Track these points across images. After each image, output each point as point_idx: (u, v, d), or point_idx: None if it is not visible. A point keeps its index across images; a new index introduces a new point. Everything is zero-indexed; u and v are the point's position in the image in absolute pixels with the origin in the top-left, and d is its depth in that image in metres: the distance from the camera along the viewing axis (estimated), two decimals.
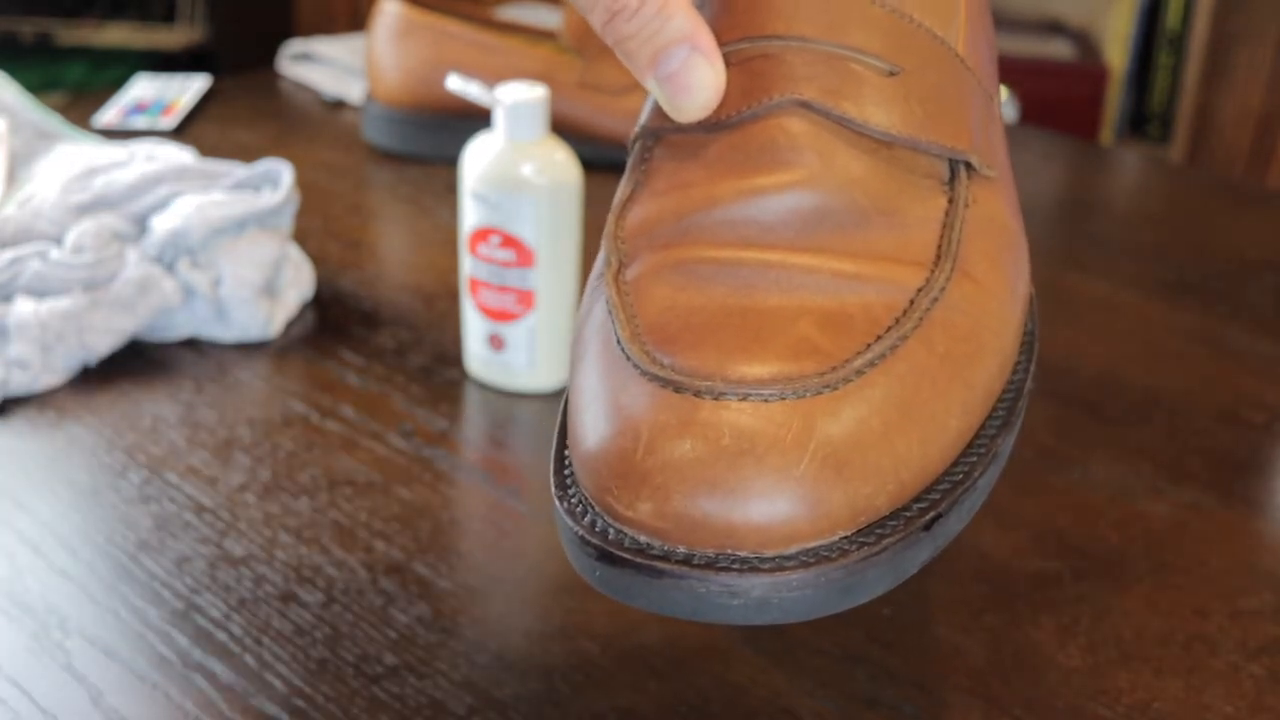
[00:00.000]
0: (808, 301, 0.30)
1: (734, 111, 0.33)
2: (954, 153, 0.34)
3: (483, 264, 0.59)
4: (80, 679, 0.42)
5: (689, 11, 0.32)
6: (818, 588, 0.27)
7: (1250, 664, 0.45)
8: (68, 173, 0.69)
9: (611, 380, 0.29)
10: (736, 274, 0.31)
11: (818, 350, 0.28)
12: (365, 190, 0.87)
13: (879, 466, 0.28)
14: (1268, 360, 0.67)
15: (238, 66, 1.20)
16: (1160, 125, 1.80)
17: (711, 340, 0.29)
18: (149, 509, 0.51)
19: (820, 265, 0.31)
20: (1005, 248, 0.34)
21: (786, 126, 0.33)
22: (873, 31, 0.33)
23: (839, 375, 0.28)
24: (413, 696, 0.42)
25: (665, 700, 0.42)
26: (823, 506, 0.27)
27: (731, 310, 0.30)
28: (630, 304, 0.31)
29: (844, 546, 0.27)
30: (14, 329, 0.59)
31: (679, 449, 0.27)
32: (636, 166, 0.35)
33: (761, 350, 0.28)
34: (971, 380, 0.30)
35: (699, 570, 0.27)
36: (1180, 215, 0.90)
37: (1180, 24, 1.74)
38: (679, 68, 0.32)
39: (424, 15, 0.89)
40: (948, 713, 0.42)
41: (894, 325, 0.29)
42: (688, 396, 0.27)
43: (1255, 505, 0.54)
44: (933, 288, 0.31)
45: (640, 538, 0.27)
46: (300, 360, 0.63)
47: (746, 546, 0.27)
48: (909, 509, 0.29)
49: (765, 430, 0.27)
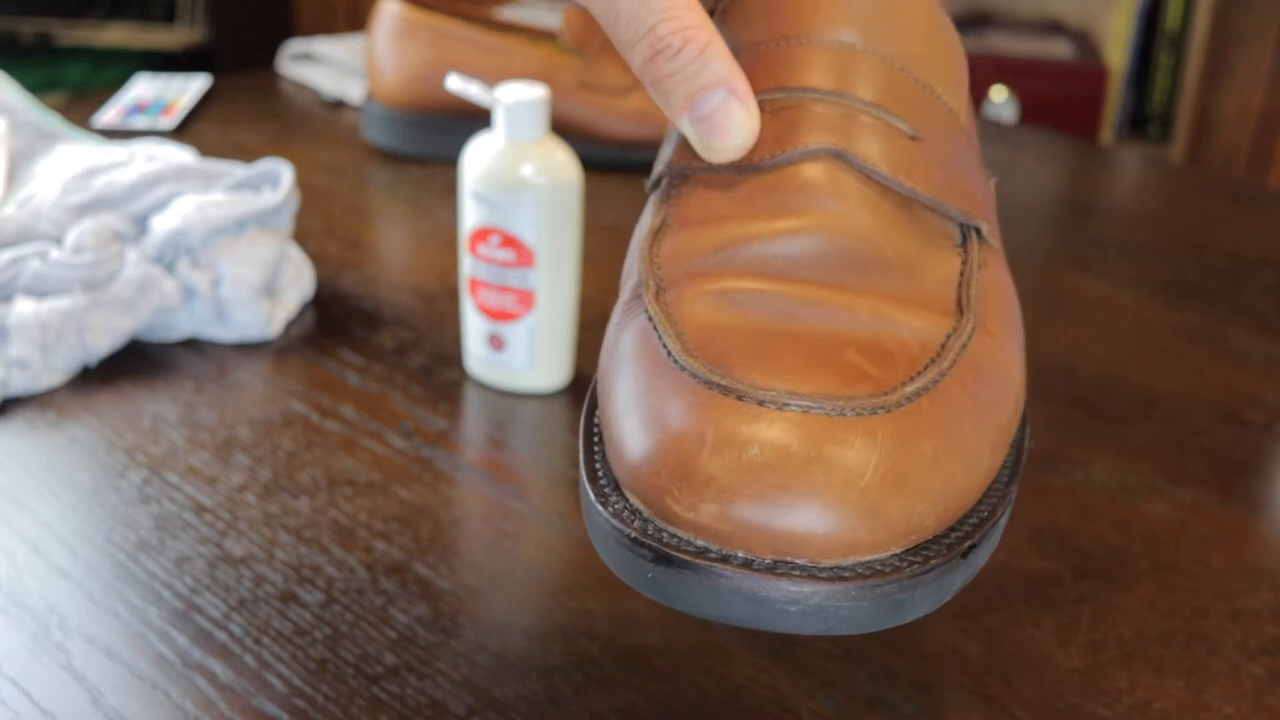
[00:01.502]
0: (848, 333, 0.30)
1: (767, 156, 0.34)
2: (968, 218, 0.35)
3: (483, 264, 0.59)
4: (80, 679, 0.42)
5: (728, 58, 0.33)
6: (872, 600, 0.28)
7: (1250, 664, 0.45)
8: (68, 173, 0.69)
9: (664, 387, 0.29)
10: (776, 303, 0.31)
11: (868, 376, 0.29)
12: (365, 190, 0.87)
13: (931, 487, 0.28)
14: (1268, 360, 0.67)
15: (238, 66, 1.20)
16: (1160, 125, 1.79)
17: (765, 359, 0.29)
18: (149, 509, 0.51)
19: (855, 303, 0.31)
20: (1011, 311, 0.35)
21: (819, 173, 0.34)
22: (901, 98, 0.35)
23: (892, 399, 0.29)
24: (413, 696, 0.42)
25: (665, 700, 0.42)
26: (882, 520, 0.27)
27: (777, 334, 0.30)
28: (676, 321, 0.31)
29: (896, 563, 0.28)
30: (14, 329, 0.59)
31: (747, 452, 0.27)
32: (664, 201, 0.36)
33: (814, 371, 0.29)
34: (997, 422, 0.31)
35: (759, 574, 0.27)
36: (1180, 215, 0.90)
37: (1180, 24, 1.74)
38: (715, 109, 0.33)
39: (424, 15, 0.89)
40: (948, 713, 0.42)
41: (931, 363, 0.30)
42: (751, 405, 0.28)
43: (1255, 505, 0.54)
44: (961, 334, 0.32)
45: (697, 541, 0.28)
46: (300, 360, 0.63)
47: (805, 555, 0.27)
48: (949, 535, 0.29)
49: (831, 439, 0.27)
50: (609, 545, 0.29)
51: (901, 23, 0.37)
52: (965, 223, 0.35)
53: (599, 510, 0.30)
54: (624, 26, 0.33)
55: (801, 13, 0.36)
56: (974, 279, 0.34)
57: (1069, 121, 1.77)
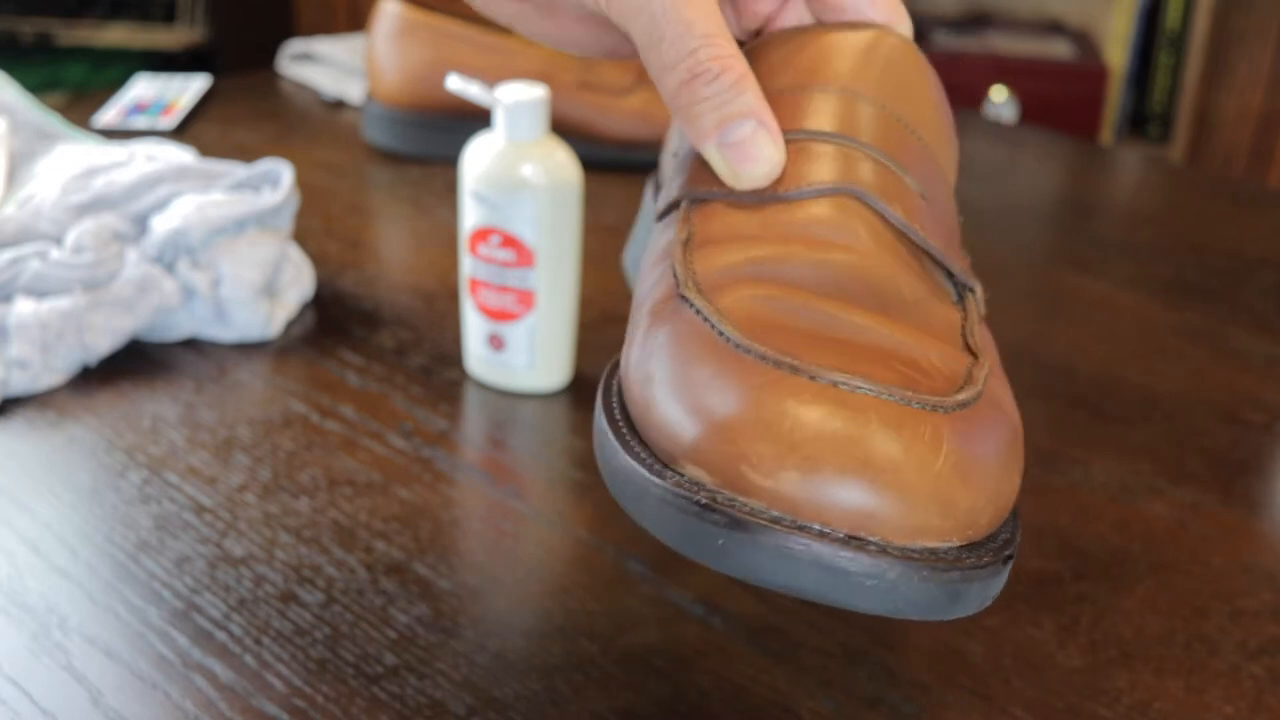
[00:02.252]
0: (888, 347, 0.31)
1: (792, 188, 0.35)
2: (964, 276, 0.37)
3: (483, 264, 0.59)
4: (80, 679, 0.42)
5: (759, 92, 0.35)
6: (938, 585, 0.28)
7: (1250, 664, 0.45)
8: (68, 173, 0.69)
9: (731, 369, 0.29)
10: (818, 314, 0.31)
11: (919, 381, 0.30)
12: (365, 190, 0.87)
13: (990, 485, 0.29)
14: (1268, 360, 0.67)
15: (238, 66, 1.20)
16: (1160, 125, 1.79)
17: (824, 353, 0.29)
18: (149, 509, 0.51)
19: (886, 326, 0.32)
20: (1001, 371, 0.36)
21: (842, 209, 0.35)
22: (913, 160, 0.37)
23: (949, 402, 0.29)
24: (413, 696, 0.42)
25: (665, 700, 0.42)
26: (950, 509, 0.28)
27: (826, 340, 0.30)
28: (727, 315, 0.31)
29: (957, 554, 0.29)
30: (14, 329, 0.59)
31: (831, 424, 0.27)
32: (685, 220, 0.36)
33: (874, 367, 0.29)
34: (1018, 453, 0.32)
35: (838, 545, 0.27)
36: (1180, 215, 0.90)
37: (1180, 24, 1.74)
38: (745, 139, 0.35)
39: (424, 15, 0.89)
40: (948, 713, 0.42)
41: (965, 384, 0.31)
42: (827, 385, 0.28)
43: (1255, 505, 0.54)
44: (981, 368, 0.32)
45: (771, 511, 0.28)
46: (300, 360, 0.63)
47: (879, 533, 0.28)
48: (996, 539, 0.30)
49: (906, 424, 0.28)
50: (668, 516, 0.29)
51: (912, 91, 0.39)
52: (963, 282, 0.37)
53: (656, 483, 0.29)
54: (666, 49, 0.34)
55: (822, 67, 0.38)
56: (975, 330, 0.35)
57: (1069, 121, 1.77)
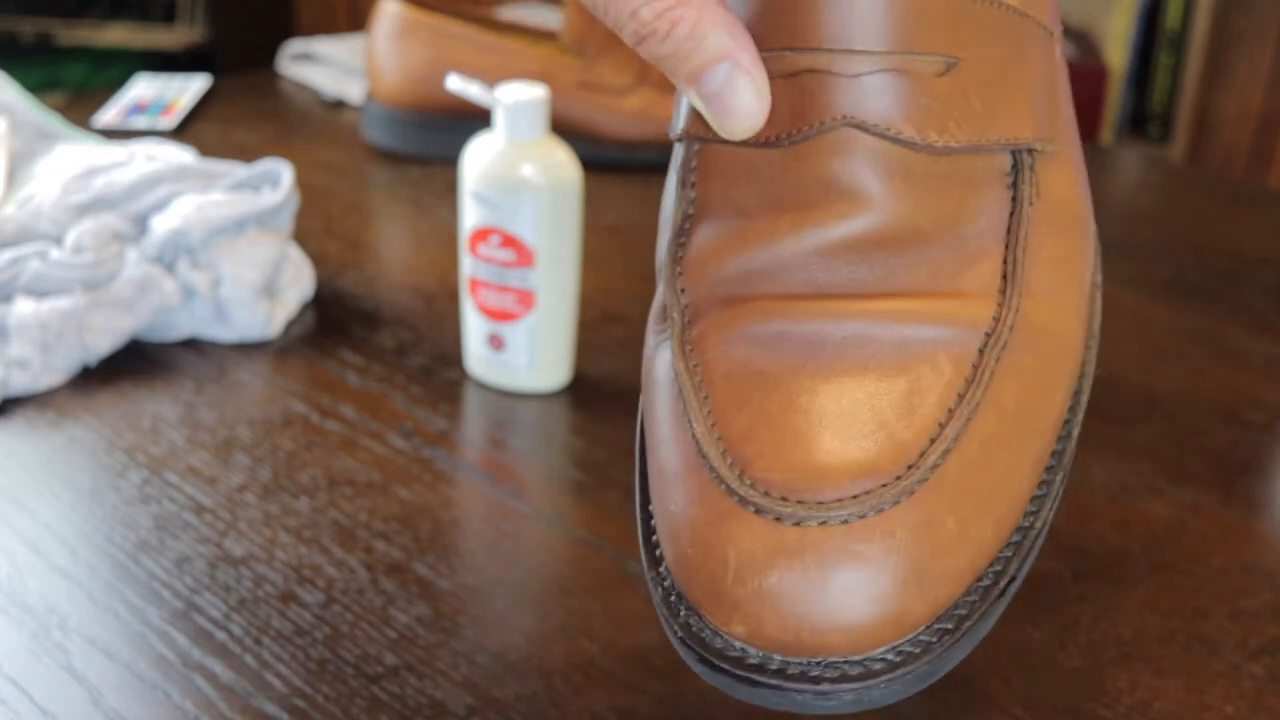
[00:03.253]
0: (875, 366, 0.30)
1: (783, 133, 0.32)
2: (1016, 145, 0.32)
3: (483, 264, 0.59)
4: (80, 679, 0.42)
5: (725, 25, 0.30)
6: (905, 681, 0.29)
7: (1250, 664, 0.45)
8: (68, 173, 0.69)
9: (691, 483, 0.30)
10: (803, 333, 0.31)
11: (892, 445, 0.29)
12: (365, 190, 0.87)
13: (956, 568, 0.29)
14: (1268, 360, 0.67)
15: (238, 66, 1.20)
16: (1160, 125, 1.79)
17: (789, 439, 0.29)
18: (149, 509, 0.51)
19: (886, 313, 0.31)
20: (1073, 244, 0.33)
21: (840, 153, 0.31)
22: (926, 25, 0.31)
23: (916, 476, 0.28)
24: (413, 696, 0.42)
25: (665, 700, 0.42)
26: (907, 616, 0.28)
27: (802, 389, 0.30)
28: (700, 383, 0.31)
29: (927, 640, 0.29)
30: (14, 329, 0.59)
31: (768, 580, 0.28)
32: (685, 182, 0.34)
33: (838, 452, 0.29)
34: (1043, 426, 0.31)
35: (793, 681, 0.28)
36: (1180, 215, 0.90)
37: (1180, 24, 1.74)
38: (721, 88, 0.31)
39: (424, 15, 0.89)
40: (948, 713, 0.42)
41: (965, 392, 0.30)
42: (769, 521, 0.28)
43: (1255, 505, 0.54)
44: (1000, 336, 0.31)
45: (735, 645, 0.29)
46: (300, 360, 0.63)
47: (837, 653, 0.28)
48: (983, 577, 0.30)
49: (849, 557, 0.28)
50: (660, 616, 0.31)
51: None
52: (1015, 149, 0.32)
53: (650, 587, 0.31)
54: (609, 13, 0.31)
55: None
56: (1024, 230, 0.32)
57: None
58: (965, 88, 0.31)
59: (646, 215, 0.82)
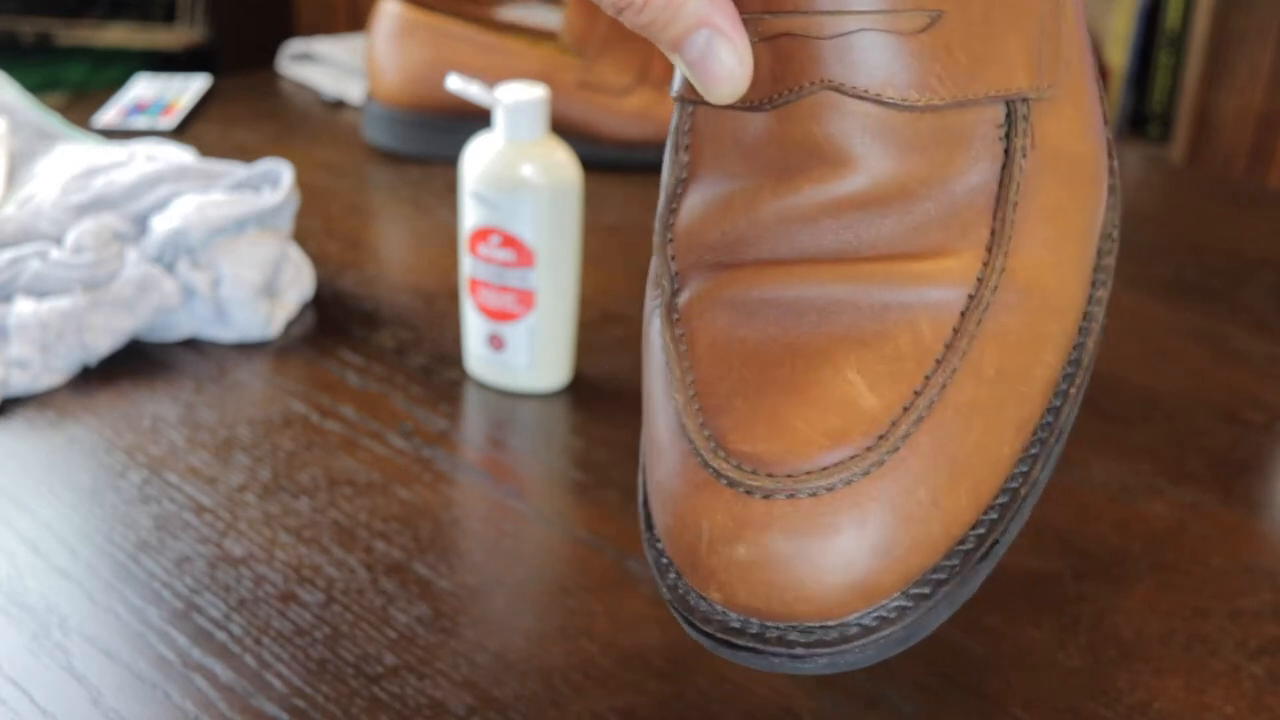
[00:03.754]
0: (854, 334, 0.30)
1: (766, 97, 0.31)
2: (1007, 96, 0.31)
3: (483, 264, 0.59)
4: (80, 679, 0.42)
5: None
6: (879, 646, 0.29)
7: (1250, 664, 0.45)
8: (68, 173, 0.69)
9: (674, 453, 0.30)
10: (783, 302, 0.31)
11: (864, 415, 0.29)
12: (365, 190, 0.87)
13: (928, 536, 0.29)
14: (1268, 360, 0.67)
15: (238, 66, 1.20)
16: (1160, 125, 1.79)
17: (763, 412, 0.29)
18: (149, 509, 0.51)
19: (869, 277, 0.31)
20: (1075, 192, 0.33)
21: (821, 117, 0.31)
22: None
23: (886, 446, 0.29)
24: (413, 696, 0.42)
25: (665, 700, 0.42)
26: (876, 587, 0.28)
27: (782, 358, 0.30)
28: (684, 353, 0.31)
29: (902, 604, 0.29)
30: (14, 329, 0.59)
31: (737, 552, 0.28)
32: (679, 146, 0.34)
33: (811, 423, 0.29)
34: (1028, 390, 0.31)
35: (770, 645, 0.29)
36: (1180, 215, 0.90)
37: (1180, 24, 1.74)
38: (701, 54, 0.30)
39: (424, 15, 0.89)
40: (948, 713, 0.42)
41: (942, 358, 0.30)
42: (740, 494, 0.29)
43: (1255, 505, 0.54)
44: (981, 299, 0.30)
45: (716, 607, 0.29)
46: (300, 360, 0.63)
47: (808, 620, 0.29)
48: (964, 541, 0.30)
49: (817, 528, 0.28)
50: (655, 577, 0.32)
51: None
52: (1008, 99, 0.31)
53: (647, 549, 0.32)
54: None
55: None
56: (1016, 182, 0.31)
57: None
58: (949, 41, 0.31)
59: (646, 215, 0.82)
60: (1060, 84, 0.33)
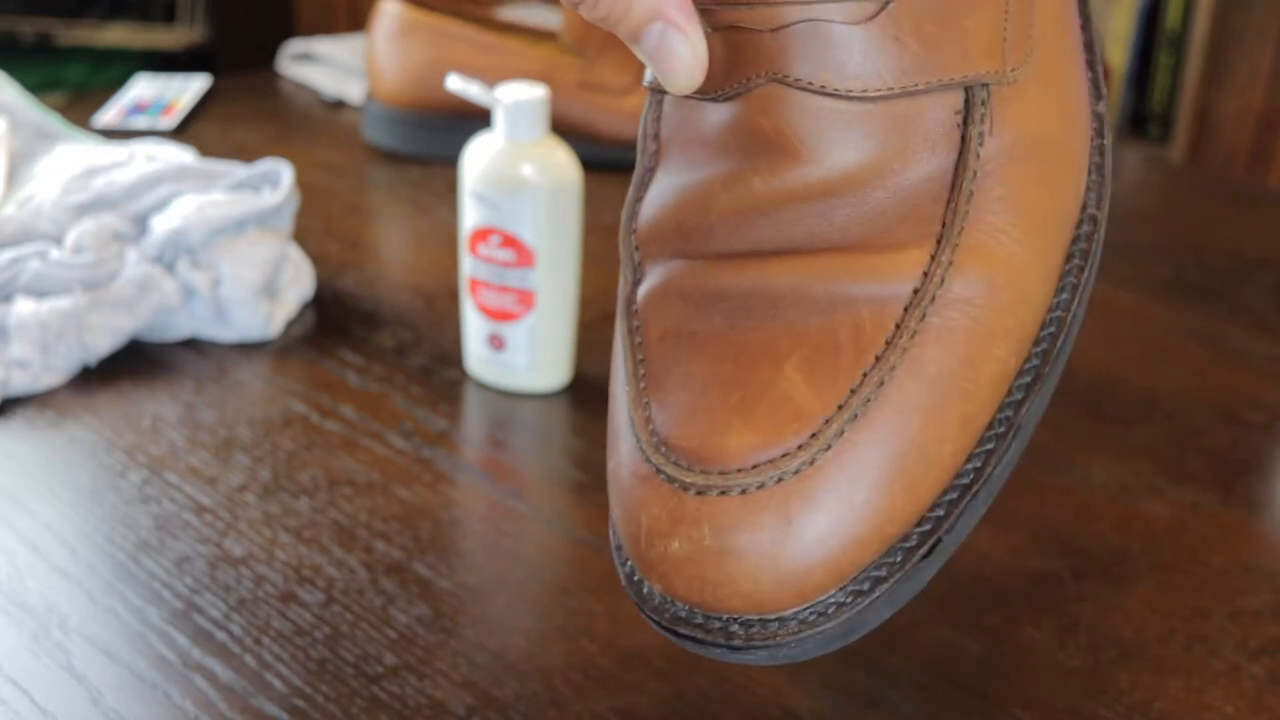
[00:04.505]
0: (798, 329, 0.30)
1: (720, 88, 0.31)
2: (964, 81, 0.30)
3: (483, 264, 0.59)
4: (80, 679, 0.42)
5: None
6: (817, 641, 0.29)
7: (1250, 664, 0.45)
8: (68, 173, 0.69)
9: (623, 446, 0.31)
10: (734, 295, 0.31)
11: (798, 412, 0.29)
12: (365, 190, 0.87)
13: (859, 535, 0.29)
14: (1268, 360, 0.67)
15: (238, 66, 1.20)
16: (1160, 125, 1.79)
17: (703, 407, 0.30)
18: (149, 509, 0.51)
19: (818, 270, 0.30)
20: (1040, 178, 0.32)
21: (768, 110, 0.31)
22: None
23: (819, 444, 0.28)
24: (413, 696, 0.42)
25: (665, 700, 0.42)
26: (808, 586, 0.29)
27: (727, 353, 0.30)
28: (639, 345, 0.32)
29: (839, 600, 0.29)
30: (14, 329, 0.59)
31: (671, 546, 0.29)
32: (647, 134, 0.34)
33: (746, 420, 0.29)
34: (971, 388, 0.30)
35: (710, 634, 0.29)
36: (1180, 215, 0.90)
37: (1180, 24, 1.74)
38: (656, 46, 0.30)
39: (424, 15, 0.89)
40: (948, 713, 0.42)
41: (882, 354, 0.29)
42: (676, 490, 0.29)
43: (1255, 505, 0.54)
44: (926, 292, 0.30)
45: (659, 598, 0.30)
46: (300, 360, 0.63)
47: (748, 613, 0.29)
48: (908, 538, 0.29)
49: (746, 525, 0.28)
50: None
51: None
52: (966, 84, 0.30)
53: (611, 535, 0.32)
54: None
55: None
56: (971, 169, 0.30)
57: None
58: (898, 28, 0.30)
59: None
60: (1029, 63, 0.32)
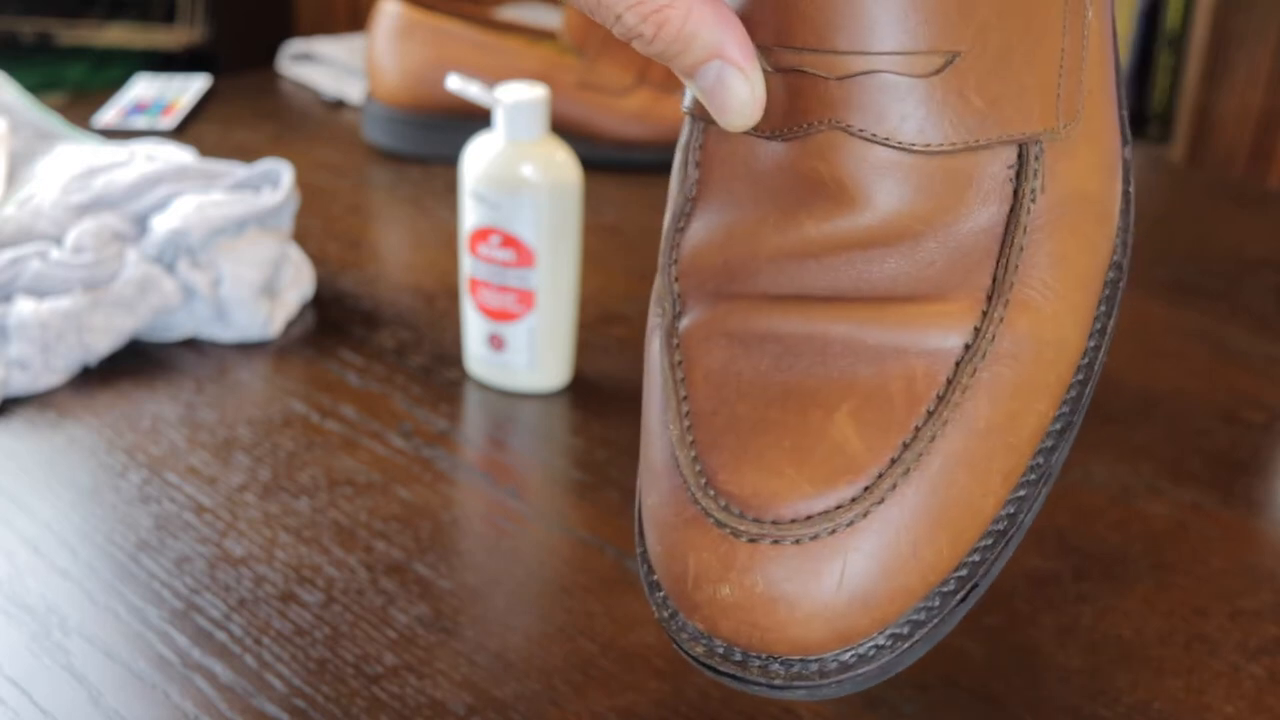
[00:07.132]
0: (848, 377, 0.30)
1: (778, 128, 0.31)
2: (1021, 139, 0.31)
3: (483, 264, 0.59)
4: (80, 679, 0.42)
5: (714, 20, 0.29)
6: (855, 682, 0.30)
7: (1250, 664, 0.45)
8: (68, 173, 0.69)
9: (665, 483, 0.31)
10: (782, 339, 0.31)
11: (851, 464, 0.29)
12: (365, 190, 0.87)
13: (906, 587, 0.29)
14: (1268, 360, 0.67)
15: (238, 66, 1.20)
16: (1160, 125, 1.79)
17: (753, 452, 0.30)
18: (149, 509, 0.51)
19: (868, 318, 0.30)
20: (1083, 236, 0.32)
21: (827, 156, 0.31)
22: (921, 20, 0.30)
23: (872, 498, 0.29)
24: (413, 696, 0.42)
25: (665, 700, 0.42)
26: (852, 631, 0.29)
27: (775, 398, 0.30)
28: (682, 381, 0.32)
29: (880, 644, 0.29)
30: (14, 329, 0.59)
31: (721, 591, 0.29)
32: (689, 162, 0.34)
33: (799, 469, 0.29)
34: (1017, 440, 0.31)
35: (751, 673, 0.29)
36: (1180, 215, 0.90)
37: (1180, 24, 1.74)
38: (713, 85, 0.30)
39: (424, 15, 0.89)
40: (948, 713, 0.42)
41: (934, 409, 0.30)
42: (726, 535, 0.29)
43: (1255, 505, 0.54)
44: (979, 349, 0.30)
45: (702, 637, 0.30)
46: (300, 360, 0.63)
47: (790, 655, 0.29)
48: (946, 583, 0.30)
49: (796, 576, 0.29)
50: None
51: None
52: (1022, 142, 0.31)
53: (639, 563, 0.33)
54: (596, 14, 0.30)
55: None
56: (1022, 226, 0.31)
57: None
58: (963, 84, 0.30)
59: (646, 215, 0.82)
60: (1078, 120, 0.32)
